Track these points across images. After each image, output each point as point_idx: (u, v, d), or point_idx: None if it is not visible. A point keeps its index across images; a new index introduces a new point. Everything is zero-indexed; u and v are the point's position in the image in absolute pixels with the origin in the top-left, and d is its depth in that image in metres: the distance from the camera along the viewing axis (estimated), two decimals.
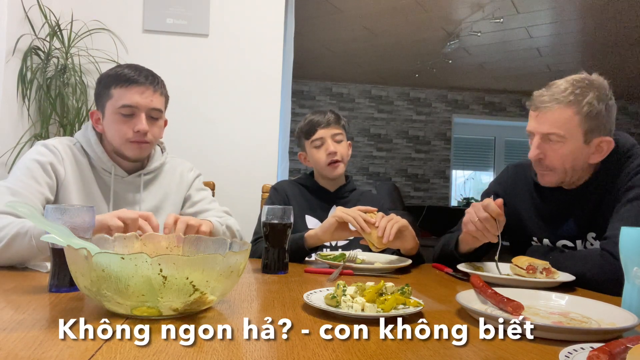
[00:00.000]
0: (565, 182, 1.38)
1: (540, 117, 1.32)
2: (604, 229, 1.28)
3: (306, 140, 1.74)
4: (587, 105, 1.27)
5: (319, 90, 6.88)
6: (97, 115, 1.45)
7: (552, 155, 1.32)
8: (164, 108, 1.48)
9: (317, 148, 1.71)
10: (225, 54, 2.54)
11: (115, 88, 1.39)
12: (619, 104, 8.24)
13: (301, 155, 1.81)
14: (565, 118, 1.28)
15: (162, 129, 1.49)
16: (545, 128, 1.30)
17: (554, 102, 1.29)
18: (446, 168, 7.08)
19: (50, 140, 1.43)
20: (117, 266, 0.68)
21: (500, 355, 0.65)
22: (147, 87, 1.40)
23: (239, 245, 0.90)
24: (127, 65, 1.45)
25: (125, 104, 1.38)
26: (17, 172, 1.33)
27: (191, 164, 1.68)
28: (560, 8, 4.21)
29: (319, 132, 1.70)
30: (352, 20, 4.52)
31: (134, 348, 0.60)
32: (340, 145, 1.72)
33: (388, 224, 1.34)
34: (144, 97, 1.39)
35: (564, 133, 1.29)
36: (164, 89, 1.47)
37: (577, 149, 1.31)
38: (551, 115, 1.30)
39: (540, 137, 1.32)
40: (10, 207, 0.82)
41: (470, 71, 6.17)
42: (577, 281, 1.19)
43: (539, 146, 1.33)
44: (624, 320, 0.77)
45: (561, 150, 1.30)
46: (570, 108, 1.28)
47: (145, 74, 1.42)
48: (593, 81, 1.32)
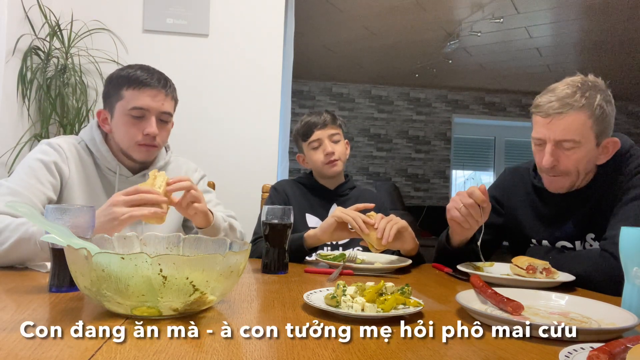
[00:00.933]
0: (575, 186, 1.36)
1: (554, 124, 1.28)
2: (603, 230, 1.28)
3: (303, 142, 1.74)
4: (598, 107, 1.26)
5: (319, 90, 6.88)
6: (105, 115, 1.43)
7: (566, 160, 1.30)
8: (174, 111, 1.48)
9: (315, 149, 1.71)
10: (225, 54, 2.54)
11: (127, 89, 1.37)
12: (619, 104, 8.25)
13: (299, 157, 1.81)
14: (579, 123, 1.26)
15: (169, 132, 1.49)
16: (560, 135, 1.28)
17: (566, 108, 1.26)
18: (446, 168, 7.08)
19: (54, 139, 1.42)
20: (117, 266, 0.68)
21: (500, 355, 0.65)
22: (159, 91, 1.39)
23: (239, 245, 0.90)
24: (139, 66, 1.43)
25: (136, 106, 1.37)
26: (20, 171, 1.33)
27: (195, 164, 1.67)
28: (560, 8, 4.21)
29: (315, 133, 1.70)
30: (352, 20, 4.52)
31: (134, 348, 0.60)
32: (338, 145, 1.72)
33: (387, 225, 1.33)
34: (155, 100, 1.38)
35: (579, 139, 1.26)
36: (174, 92, 1.47)
37: (590, 152, 1.30)
38: (565, 121, 1.26)
39: (554, 144, 1.29)
40: (10, 207, 0.82)
41: (470, 71, 6.17)
42: (577, 281, 1.18)
43: (553, 153, 1.30)
44: (624, 320, 0.77)
45: (575, 156, 1.29)
46: (584, 112, 1.26)
47: (157, 77, 1.41)
48: (596, 83, 1.31)
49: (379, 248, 1.33)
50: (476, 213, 1.27)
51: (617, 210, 1.27)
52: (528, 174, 1.51)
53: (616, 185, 1.31)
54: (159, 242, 0.95)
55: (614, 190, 1.31)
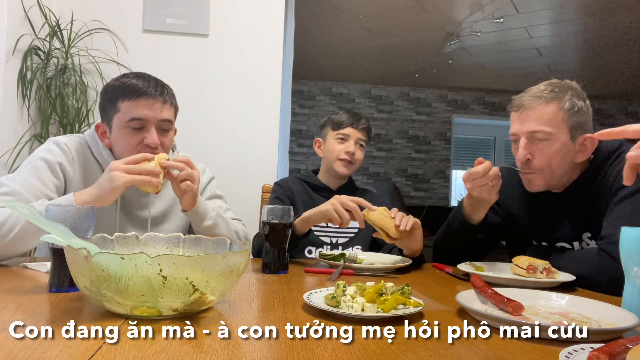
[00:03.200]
0: (552, 185, 1.37)
1: (524, 117, 1.31)
2: (598, 228, 1.28)
3: (332, 130, 1.77)
4: (569, 101, 1.30)
5: (319, 90, 6.88)
6: (104, 129, 1.38)
7: (540, 155, 1.31)
8: (174, 118, 1.42)
9: (340, 141, 1.74)
10: (225, 54, 2.54)
11: (123, 101, 1.31)
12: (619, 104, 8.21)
13: (317, 142, 1.84)
14: (549, 114, 1.29)
15: (172, 140, 1.44)
16: (531, 126, 1.30)
17: (537, 100, 1.30)
18: (446, 168, 7.08)
19: (62, 137, 1.38)
20: (117, 266, 0.68)
21: (500, 355, 0.65)
22: (156, 99, 1.32)
23: (239, 245, 0.90)
24: (134, 74, 1.37)
25: (134, 117, 1.31)
26: (24, 169, 1.30)
27: (204, 165, 1.62)
28: (560, 8, 4.20)
29: (348, 129, 1.74)
30: (352, 20, 4.52)
31: (134, 348, 0.60)
32: (360, 151, 1.77)
33: (405, 217, 1.37)
34: (153, 109, 1.32)
35: (550, 130, 1.29)
36: (173, 99, 1.40)
37: (564, 147, 1.31)
38: (534, 112, 1.30)
39: (527, 137, 1.32)
40: (10, 207, 0.82)
41: (470, 71, 6.17)
42: (577, 281, 1.19)
43: (526, 147, 1.32)
44: (624, 320, 0.77)
45: (549, 149, 1.30)
46: (554, 104, 1.30)
47: (153, 85, 1.34)
48: (567, 83, 1.35)
49: (395, 236, 1.34)
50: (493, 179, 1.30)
51: (611, 208, 1.27)
52: None
53: (608, 183, 1.31)
54: (159, 242, 0.95)
55: (607, 189, 1.31)
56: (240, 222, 1.58)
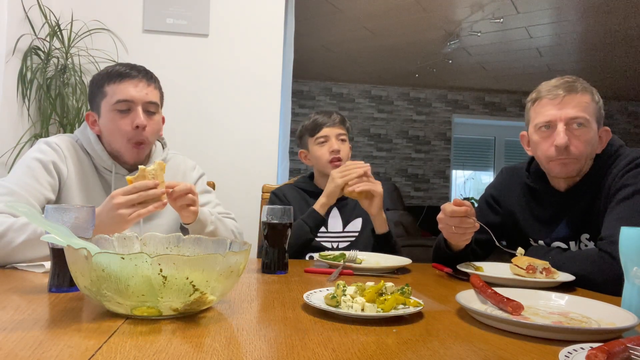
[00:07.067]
0: (580, 173, 1.37)
1: (565, 103, 1.31)
2: (597, 230, 1.28)
3: (310, 137, 1.76)
4: (596, 94, 1.35)
5: (319, 90, 6.88)
6: (93, 117, 1.42)
7: (577, 142, 1.31)
8: (160, 103, 1.45)
9: (321, 145, 1.74)
10: (225, 54, 2.54)
11: (109, 85, 1.37)
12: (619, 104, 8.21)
13: (302, 154, 1.82)
14: (586, 102, 1.32)
15: (160, 126, 1.46)
16: (572, 112, 1.30)
17: (574, 89, 1.32)
18: (446, 168, 7.08)
19: (52, 137, 1.41)
20: (117, 266, 0.68)
21: (500, 355, 0.65)
22: (140, 80, 1.38)
23: (239, 245, 0.90)
24: (119, 63, 1.43)
25: (120, 98, 1.35)
26: (18, 170, 1.31)
27: (194, 162, 1.66)
28: (560, 8, 4.21)
29: (324, 130, 1.74)
30: (352, 20, 4.52)
31: (134, 348, 0.60)
32: (344, 145, 1.76)
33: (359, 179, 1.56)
34: (138, 89, 1.37)
35: (589, 117, 1.31)
36: (157, 83, 1.45)
37: (595, 136, 1.34)
38: (576, 99, 1.31)
39: (565, 123, 1.31)
40: (10, 207, 0.82)
41: (470, 71, 6.17)
42: (577, 281, 1.19)
43: (566, 132, 1.31)
44: (624, 320, 0.77)
45: (586, 136, 1.31)
46: (588, 95, 1.33)
47: (137, 68, 1.40)
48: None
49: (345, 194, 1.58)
50: (467, 223, 1.27)
51: (611, 209, 1.27)
52: (523, 174, 1.51)
53: (607, 184, 1.32)
54: (159, 242, 0.95)
55: (606, 190, 1.32)
56: (230, 217, 1.59)
